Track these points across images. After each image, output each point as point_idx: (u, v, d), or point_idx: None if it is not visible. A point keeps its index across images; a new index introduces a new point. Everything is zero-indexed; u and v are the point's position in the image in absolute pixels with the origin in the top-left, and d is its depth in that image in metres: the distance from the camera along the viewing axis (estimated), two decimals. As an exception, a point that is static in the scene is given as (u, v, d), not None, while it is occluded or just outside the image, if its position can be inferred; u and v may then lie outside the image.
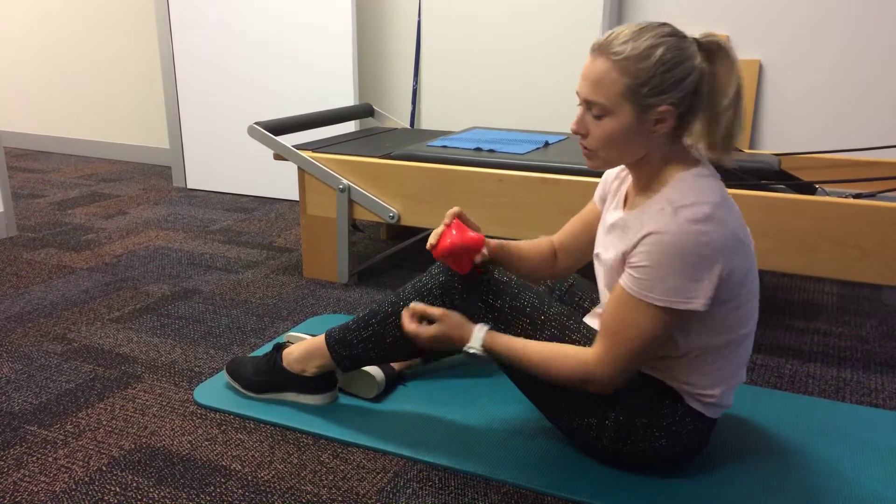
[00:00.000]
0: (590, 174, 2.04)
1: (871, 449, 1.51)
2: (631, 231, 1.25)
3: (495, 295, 1.42)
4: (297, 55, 3.26)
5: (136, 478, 1.41)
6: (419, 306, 1.40)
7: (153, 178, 3.95)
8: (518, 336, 1.40)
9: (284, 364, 1.63)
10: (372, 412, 1.63)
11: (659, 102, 1.18)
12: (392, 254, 2.73)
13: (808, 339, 2.05)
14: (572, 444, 1.50)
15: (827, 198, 1.81)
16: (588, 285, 1.66)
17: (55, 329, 2.07)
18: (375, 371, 1.66)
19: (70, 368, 1.84)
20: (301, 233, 2.65)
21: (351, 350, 1.55)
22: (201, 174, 3.65)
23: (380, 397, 1.68)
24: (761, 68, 2.97)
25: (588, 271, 2.38)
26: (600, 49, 1.20)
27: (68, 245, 2.81)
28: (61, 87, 4.46)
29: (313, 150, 2.39)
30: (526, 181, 2.08)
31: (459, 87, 3.40)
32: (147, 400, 1.69)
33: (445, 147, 2.32)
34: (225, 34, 3.37)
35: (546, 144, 2.38)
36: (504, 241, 1.53)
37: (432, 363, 1.84)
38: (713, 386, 1.32)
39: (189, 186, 3.71)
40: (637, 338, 1.23)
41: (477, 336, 1.37)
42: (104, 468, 1.44)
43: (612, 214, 1.35)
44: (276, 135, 2.44)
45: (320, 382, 1.63)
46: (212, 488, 1.38)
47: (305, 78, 3.27)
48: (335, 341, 1.56)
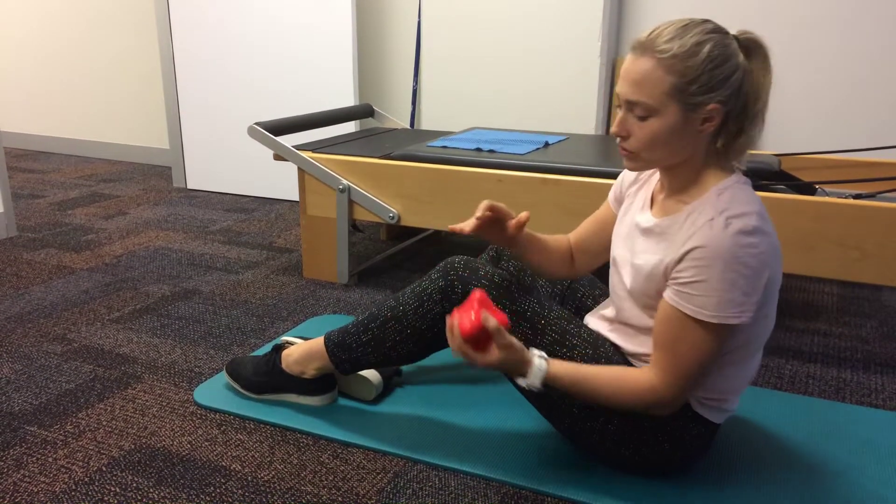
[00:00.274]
0: (590, 175, 2.04)
1: (872, 449, 1.51)
2: (672, 240, 1.22)
3: (495, 299, 1.41)
4: (297, 55, 3.26)
5: (136, 478, 1.41)
6: (492, 322, 1.21)
7: (153, 179, 3.95)
8: (519, 340, 1.38)
9: (283, 366, 1.63)
10: (372, 413, 1.63)
11: (707, 101, 1.15)
12: (392, 254, 2.73)
13: (808, 340, 2.05)
14: (573, 446, 1.50)
15: (827, 198, 1.81)
16: (590, 282, 1.64)
17: (55, 329, 2.07)
18: (372, 374, 1.65)
19: (70, 369, 1.84)
20: (301, 233, 2.65)
21: (350, 354, 1.54)
22: (201, 175, 3.65)
23: (379, 398, 1.68)
24: (761, 69, 2.97)
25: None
26: (643, 48, 1.16)
27: (68, 245, 2.81)
28: (61, 88, 4.46)
29: (313, 151, 2.39)
30: (526, 181, 2.08)
31: (459, 88, 3.40)
32: (147, 400, 1.69)
33: (445, 147, 2.32)
34: (225, 34, 3.38)
35: (546, 145, 2.38)
36: (533, 233, 1.48)
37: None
38: (725, 392, 1.31)
39: (189, 187, 3.71)
40: (696, 358, 1.20)
41: (536, 374, 1.26)
42: (104, 468, 1.44)
43: (642, 217, 1.31)
44: (276, 135, 2.44)
45: (320, 384, 1.63)
46: (212, 489, 1.38)
47: (305, 78, 3.27)
48: (334, 344, 1.56)
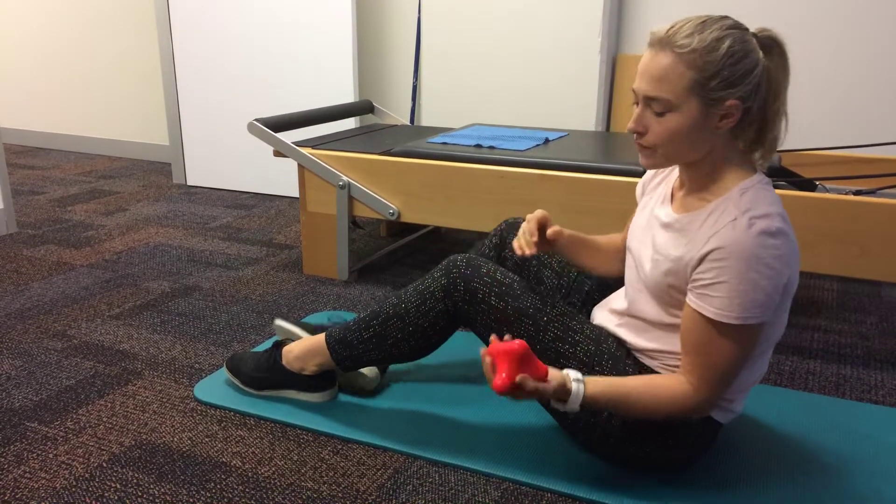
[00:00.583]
0: (590, 171, 2.04)
1: (872, 445, 1.51)
2: (693, 237, 1.21)
3: (498, 296, 1.41)
4: (297, 52, 3.25)
5: (137, 474, 1.41)
6: (530, 385, 1.17)
7: (153, 175, 3.94)
8: (521, 337, 1.38)
9: (284, 362, 1.63)
10: (372, 409, 1.63)
11: (727, 96, 1.14)
12: (392, 250, 2.73)
13: (808, 336, 2.05)
14: (575, 442, 1.51)
15: (827, 195, 1.81)
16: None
17: (55, 326, 2.07)
18: (368, 369, 1.66)
19: (70, 365, 1.84)
20: (301, 229, 2.65)
21: (351, 350, 1.54)
22: (201, 171, 3.65)
23: (379, 394, 1.68)
24: (762, 65, 2.97)
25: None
26: (662, 43, 1.15)
27: (68, 242, 2.81)
28: (62, 84, 4.46)
29: (313, 147, 2.39)
30: (526, 178, 2.08)
31: (459, 84, 3.40)
32: (147, 396, 1.70)
33: (445, 144, 2.32)
34: (225, 31, 3.37)
35: (546, 141, 2.38)
36: (578, 233, 1.50)
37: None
38: (732, 391, 1.30)
39: (189, 183, 3.71)
40: (726, 360, 1.19)
41: (574, 400, 1.22)
42: (104, 465, 1.44)
43: (662, 211, 1.31)
44: (276, 131, 2.43)
45: (320, 380, 1.63)
46: (212, 485, 1.38)
47: (305, 75, 3.27)
48: (335, 341, 1.56)
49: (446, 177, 2.18)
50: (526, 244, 1.39)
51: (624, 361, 1.35)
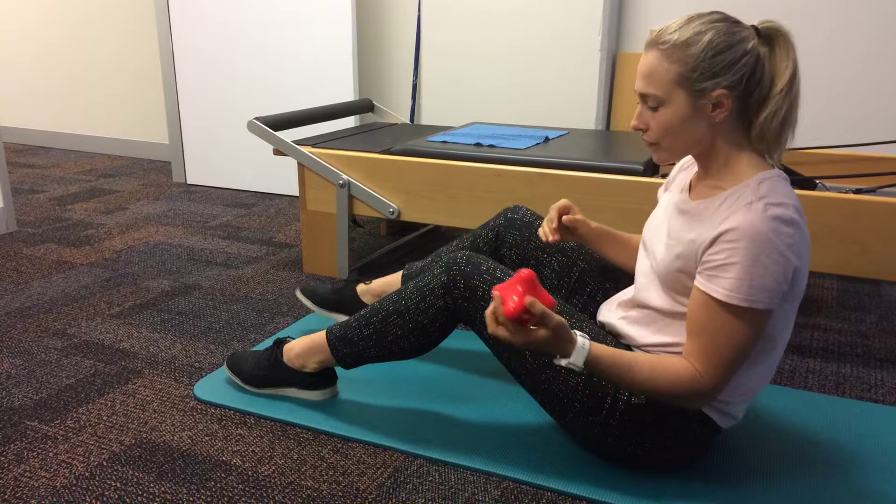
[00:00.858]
0: (590, 170, 2.04)
1: (872, 444, 1.51)
2: (708, 221, 1.22)
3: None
4: (297, 50, 3.25)
5: (137, 473, 1.41)
6: (538, 307, 1.14)
7: (153, 174, 3.94)
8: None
9: (285, 360, 1.63)
10: (372, 407, 1.63)
11: (712, 87, 1.18)
12: (392, 249, 2.73)
13: (808, 335, 2.05)
14: (574, 440, 1.51)
15: (827, 193, 1.81)
16: (599, 273, 1.63)
17: (55, 325, 2.07)
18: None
19: (70, 364, 1.84)
20: (301, 228, 2.64)
21: (352, 347, 1.54)
22: (201, 170, 3.65)
23: (379, 393, 1.68)
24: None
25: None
26: (650, 43, 1.22)
27: (68, 241, 2.81)
28: (61, 83, 4.46)
29: (313, 146, 2.39)
30: (526, 176, 2.08)
31: (459, 83, 3.40)
32: (147, 395, 1.70)
33: (445, 142, 2.32)
34: (224, 29, 3.37)
35: (546, 140, 2.38)
36: (604, 226, 1.56)
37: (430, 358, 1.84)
38: (733, 393, 1.30)
39: (189, 182, 3.71)
40: (731, 345, 1.19)
41: (580, 352, 1.20)
42: (104, 463, 1.44)
43: (680, 198, 1.33)
44: (276, 130, 2.43)
45: (321, 378, 1.63)
46: (212, 483, 1.38)
47: (305, 73, 3.27)
48: (336, 338, 1.56)
49: (446, 175, 2.18)
50: (549, 231, 1.50)
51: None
